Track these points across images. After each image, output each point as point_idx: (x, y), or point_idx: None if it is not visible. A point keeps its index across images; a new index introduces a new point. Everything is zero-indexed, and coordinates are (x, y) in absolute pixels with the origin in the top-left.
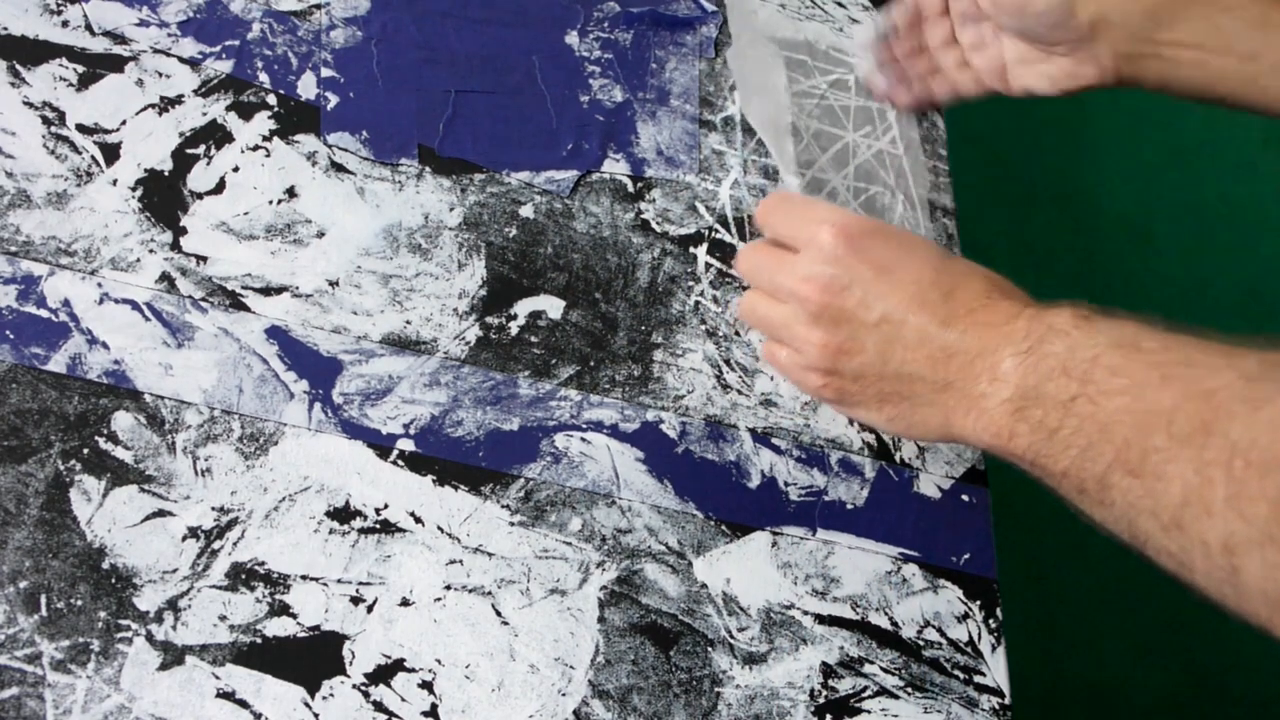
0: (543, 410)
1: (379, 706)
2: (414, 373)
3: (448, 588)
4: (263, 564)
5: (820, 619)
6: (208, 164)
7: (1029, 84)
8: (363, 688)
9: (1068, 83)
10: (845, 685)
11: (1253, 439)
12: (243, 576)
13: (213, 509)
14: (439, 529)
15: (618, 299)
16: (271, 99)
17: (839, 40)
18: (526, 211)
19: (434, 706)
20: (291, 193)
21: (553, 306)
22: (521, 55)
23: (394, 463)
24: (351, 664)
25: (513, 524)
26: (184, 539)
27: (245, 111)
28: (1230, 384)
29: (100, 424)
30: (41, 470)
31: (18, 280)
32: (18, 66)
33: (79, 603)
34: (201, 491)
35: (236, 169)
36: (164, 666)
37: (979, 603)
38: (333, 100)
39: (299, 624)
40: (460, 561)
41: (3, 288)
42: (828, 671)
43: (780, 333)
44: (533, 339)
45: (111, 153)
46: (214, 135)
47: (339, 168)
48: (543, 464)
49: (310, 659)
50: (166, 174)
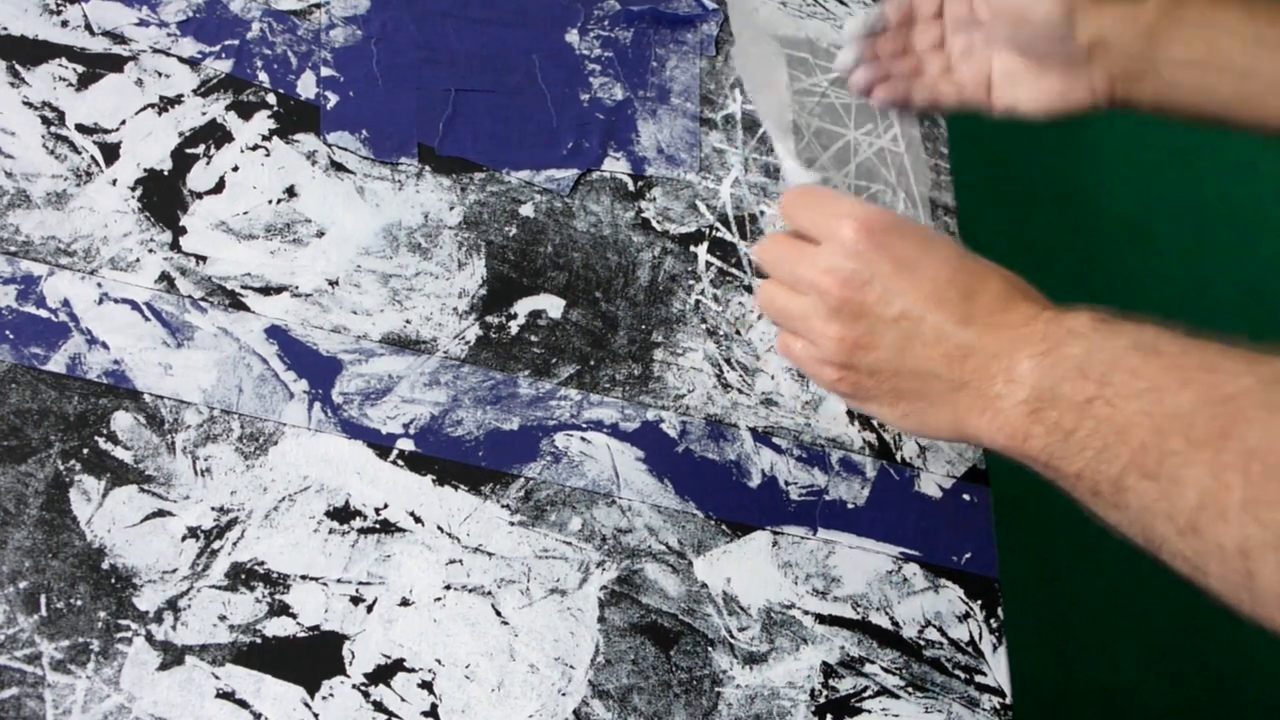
0: (543, 410)
1: (379, 706)
2: (414, 372)
3: (448, 587)
4: (262, 564)
5: (821, 619)
6: (207, 163)
7: (1015, 100)
8: (363, 688)
9: (1056, 103)
10: (846, 685)
11: (1270, 444)
12: (242, 576)
13: (212, 509)
14: (439, 529)
15: (618, 298)
16: (271, 98)
17: (840, 38)
18: (527, 210)
19: (434, 706)
20: (291, 192)
21: (553, 306)
22: (522, 54)
23: (394, 462)
24: (351, 664)
25: (513, 524)
26: (184, 539)
27: (245, 111)
28: (1249, 389)
29: (100, 424)
30: (41, 470)
31: (17, 280)
32: (18, 66)
33: (79, 603)
34: (201, 491)
35: (236, 168)
36: (164, 666)
37: (980, 602)
38: (332, 99)
39: (299, 624)
40: (460, 561)
41: (2, 288)
42: (828, 671)
43: (798, 325)
44: (533, 338)
45: (111, 152)
46: (213, 135)
47: (339, 167)
48: (543, 463)
49: (310, 659)
50: (166, 174)
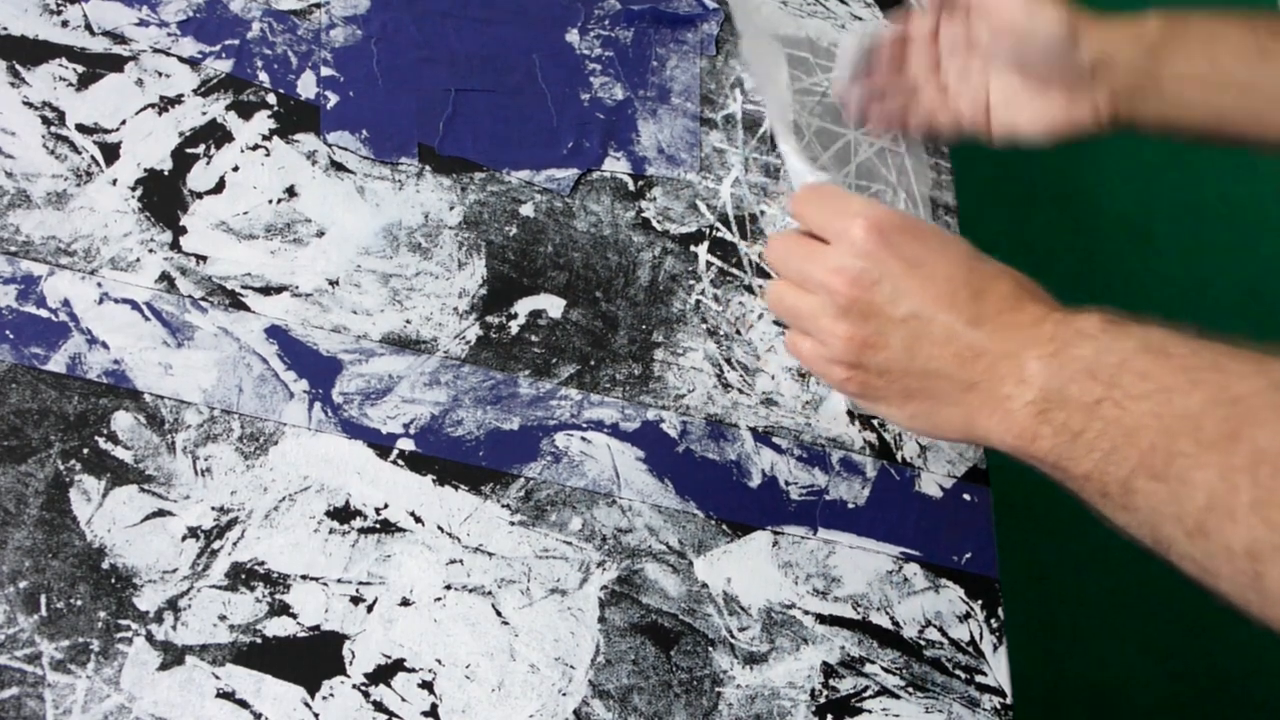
0: (543, 409)
1: (379, 706)
2: (414, 372)
3: (448, 587)
4: (263, 564)
5: (821, 618)
6: (207, 163)
7: (1015, 123)
8: (363, 688)
9: (1059, 124)
10: (846, 685)
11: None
12: (243, 576)
13: (213, 509)
14: (439, 528)
15: (618, 298)
16: (271, 98)
17: (841, 37)
18: (527, 210)
19: (434, 706)
20: (291, 192)
21: (553, 305)
22: (522, 54)
23: (394, 462)
24: (351, 664)
25: (513, 523)
26: (184, 539)
27: (245, 111)
28: (1259, 390)
29: (100, 424)
30: (41, 470)
31: (18, 280)
32: (18, 66)
33: (79, 603)
34: (201, 491)
35: (236, 168)
36: (164, 666)
37: (980, 602)
38: (332, 99)
39: (299, 624)
40: (460, 561)
41: (3, 288)
42: (829, 671)
43: (806, 324)
44: (533, 338)
45: (111, 152)
46: (214, 135)
47: (339, 167)
48: (543, 463)
49: (310, 659)
50: (166, 173)
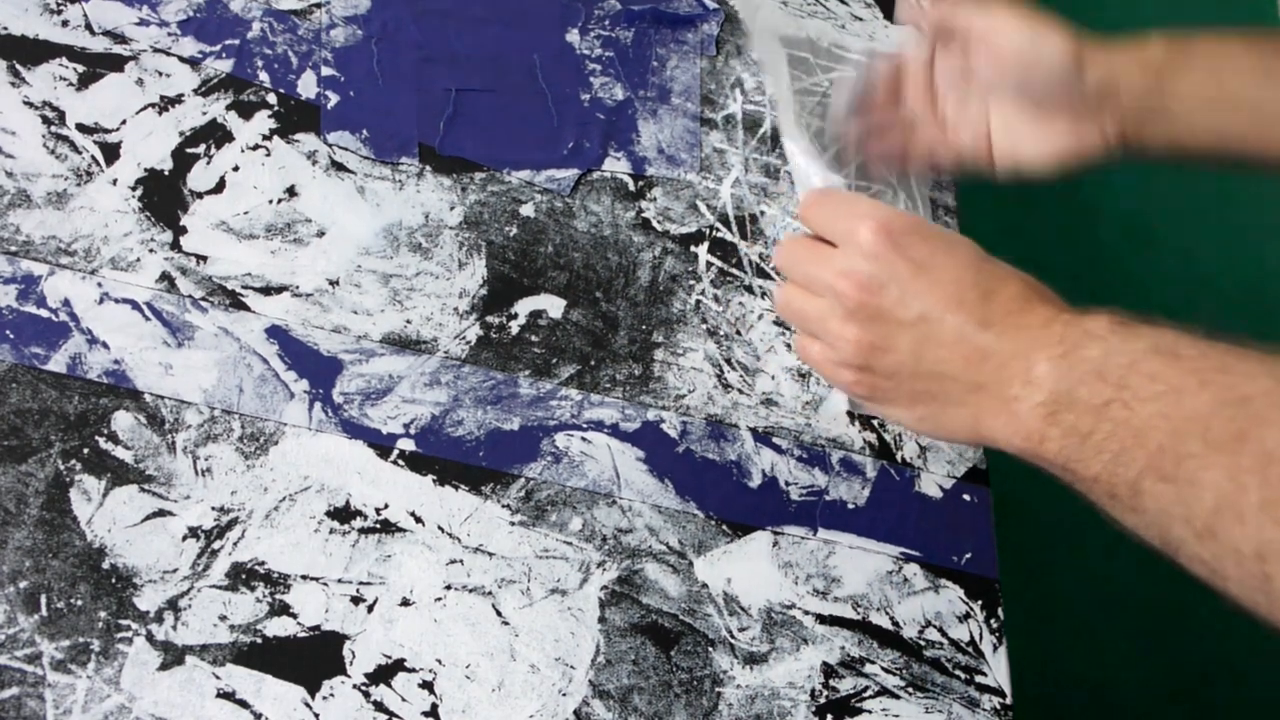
0: (543, 410)
1: (379, 706)
2: (414, 372)
3: (448, 587)
4: (263, 564)
5: (821, 619)
6: (208, 163)
7: (1019, 154)
8: (363, 688)
9: (1067, 152)
10: (846, 685)
11: None
12: (243, 576)
13: (213, 509)
14: (439, 529)
15: (618, 298)
16: (271, 98)
17: (841, 37)
18: (527, 210)
19: (434, 706)
20: (292, 192)
21: (553, 306)
22: (522, 54)
23: (394, 462)
24: (352, 664)
25: (513, 524)
26: (184, 539)
27: (245, 111)
28: (1267, 391)
29: (100, 424)
30: (41, 470)
31: (18, 280)
32: (18, 66)
33: (79, 603)
34: (201, 491)
35: (236, 168)
36: (164, 666)
37: (980, 602)
38: (333, 99)
39: (299, 624)
40: (460, 561)
41: (3, 287)
42: (829, 671)
43: (815, 327)
44: (533, 338)
45: (111, 152)
46: (214, 134)
47: (339, 167)
48: (543, 464)
49: (310, 659)
50: (166, 173)
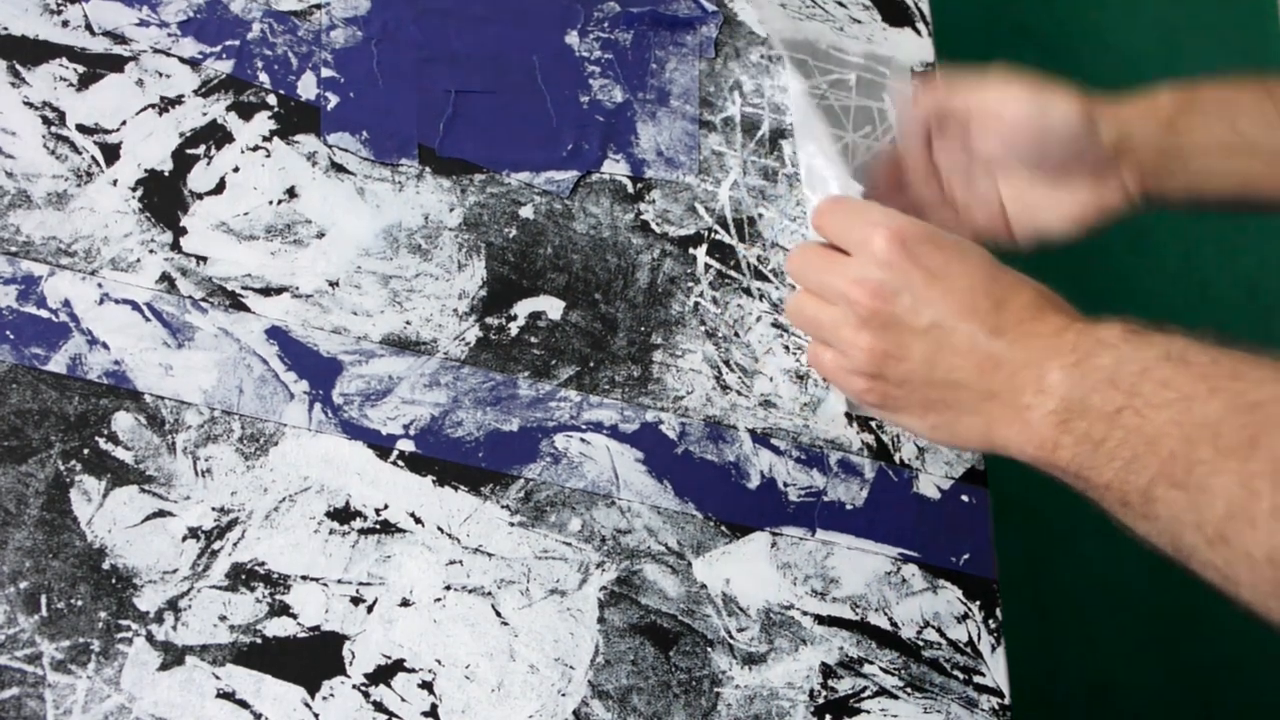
0: (542, 411)
1: (379, 707)
2: (414, 373)
3: (448, 588)
4: (263, 564)
5: (820, 619)
6: (208, 164)
7: (1040, 223)
8: (363, 688)
9: (1090, 213)
10: (845, 685)
11: None
12: (243, 577)
13: (213, 509)
14: (439, 529)
15: (617, 300)
16: (272, 99)
17: (839, 39)
18: (526, 212)
19: (434, 707)
20: (292, 193)
21: (552, 307)
22: (522, 55)
23: (394, 463)
24: (351, 664)
25: (512, 524)
26: (184, 539)
27: (245, 112)
28: (1278, 398)
29: (100, 424)
30: (42, 470)
31: (18, 280)
32: (18, 66)
33: (79, 603)
34: (202, 492)
35: (237, 169)
36: (164, 667)
37: (979, 603)
38: (333, 100)
39: (299, 624)
40: (460, 562)
41: (3, 288)
42: (827, 672)
43: (827, 335)
44: (532, 340)
45: (111, 153)
46: (214, 135)
47: (339, 168)
48: (542, 464)
49: (310, 659)
50: (167, 174)
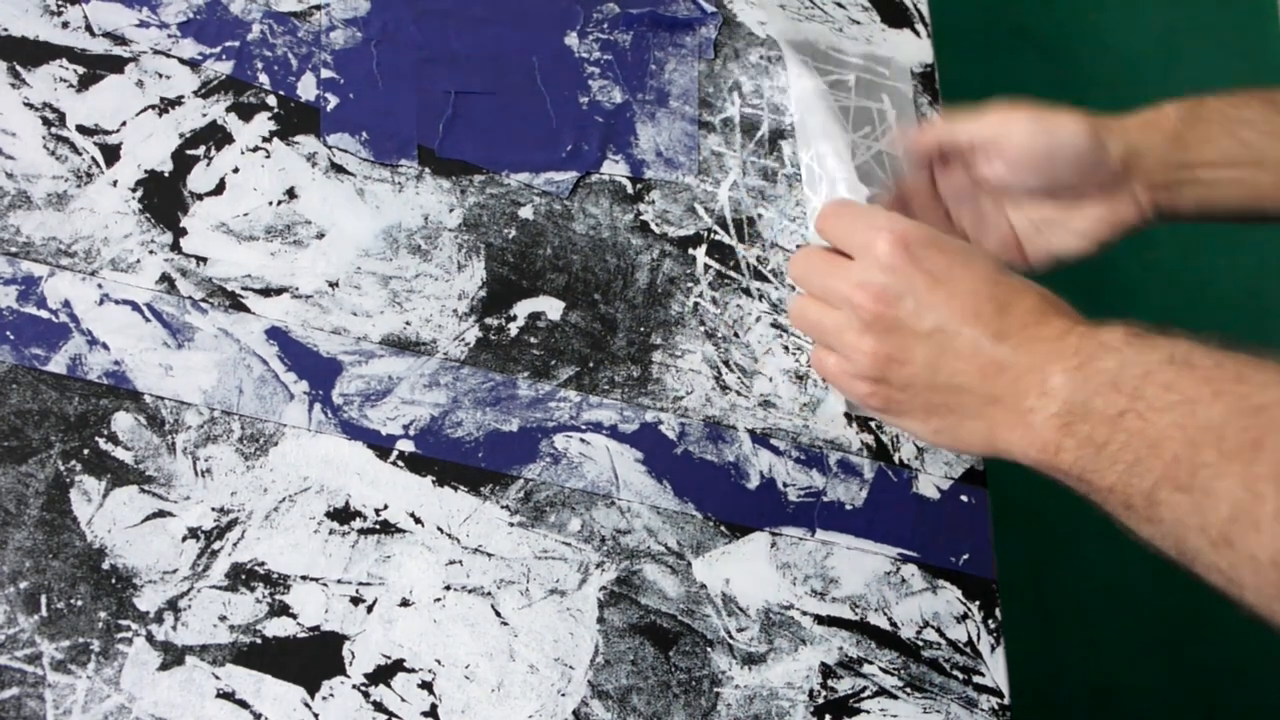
0: (542, 411)
1: (379, 707)
2: (414, 374)
3: (447, 588)
4: (263, 564)
5: (819, 619)
6: (208, 165)
7: (1057, 247)
8: (363, 688)
9: (1106, 232)
10: (844, 685)
11: None
12: (243, 577)
13: (213, 509)
14: (439, 529)
15: (617, 300)
16: (271, 100)
17: (839, 40)
18: (526, 213)
19: (434, 707)
20: (291, 194)
21: (552, 308)
22: (521, 56)
23: (394, 463)
24: (351, 664)
25: (512, 524)
26: (184, 539)
27: (245, 112)
28: None
29: (100, 424)
30: (42, 471)
31: (18, 281)
32: (18, 67)
33: (79, 603)
34: (201, 492)
35: (236, 170)
36: (164, 667)
37: (978, 603)
38: (333, 101)
39: (299, 624)
40: (460, 562)
41: (3, 288)
42: (827, 672)
43: (830, 339)
44: (532, 340)
45: (111, 154)
46: (214, 136)
47: (339, 169)
48: (542, 465)
49: (310, 659)
50: (166, 175)
